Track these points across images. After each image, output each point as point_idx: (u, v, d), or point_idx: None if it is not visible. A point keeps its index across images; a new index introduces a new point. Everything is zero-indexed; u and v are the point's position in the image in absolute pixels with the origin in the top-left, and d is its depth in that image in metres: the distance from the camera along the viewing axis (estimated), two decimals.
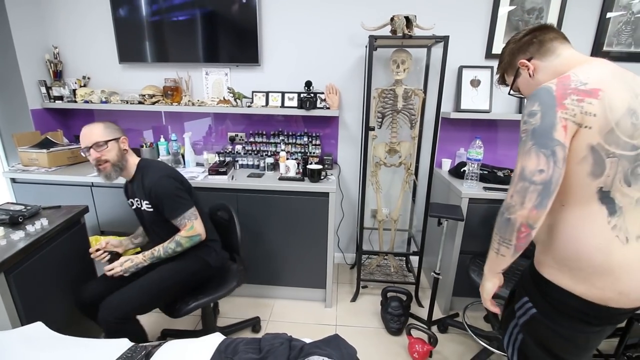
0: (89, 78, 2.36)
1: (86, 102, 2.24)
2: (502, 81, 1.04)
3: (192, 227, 1.40)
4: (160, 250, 1.38)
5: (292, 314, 2.06)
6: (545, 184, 0.74)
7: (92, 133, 1.34)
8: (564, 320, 0.83)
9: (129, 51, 2.24)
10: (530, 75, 0.91)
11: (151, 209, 1.41)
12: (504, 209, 0.82)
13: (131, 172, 1.44)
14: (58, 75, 2.31)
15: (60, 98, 2.28)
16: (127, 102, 2.23)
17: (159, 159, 2.26)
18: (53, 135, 2.20)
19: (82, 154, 1.38)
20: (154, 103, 2.22)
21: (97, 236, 1.97)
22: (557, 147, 0.74)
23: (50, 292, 1.38)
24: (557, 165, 0.74)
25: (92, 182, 1.94)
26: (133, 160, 1.45)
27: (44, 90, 2.24)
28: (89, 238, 1.67)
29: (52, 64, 2.28)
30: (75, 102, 2.26)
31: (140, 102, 2.23)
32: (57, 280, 1.42)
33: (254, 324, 1.90)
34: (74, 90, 2.28)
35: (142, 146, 2.33)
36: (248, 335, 1.76)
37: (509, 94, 1.03)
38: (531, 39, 0.90)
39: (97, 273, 1.69)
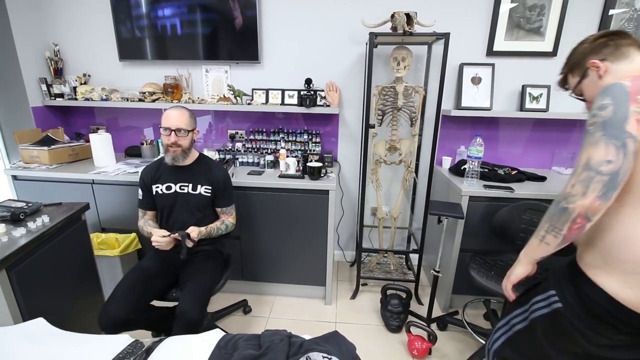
0: (89, 75, 2.36)
1: (87, 99, 2.24)
2: (564, 83, 1.04)
3: (234, 216, 1.70)
4: (214, 228, 1.59)
5: (292, 311, 2.07)
6: (612, 175, 0.73)
7: (179, 118, 1.50)
8: (593, 321, 0.81)
9: (129, 49, 2.24)
10: (599, 77, 0.91)
11: (209, 194, 1.61)
12: (561, 197, 0.80)
13: (190, 160, 1.61)
14: (59, 73, 2.32)
15: (61, 95, 2.28)
16: (128, 100, 2.23)
17: (159, 156, 2.26)
18: (54, 133, 2.20)
19: (160, 130, 1.52)
20: (154, 100, 2.22)
21: (98, 233, 1.97)
22: (629, 140, 0.72)
23: (52, 288, 1.38)
24: (627, 157, 0.72)
25: (92, 180, 1.95)
26: (195, 151, 1.65)
27: (44, 87, 2.24)
28: (89, 235, 1.67)
29: (52, 62, 2.28)
30: (76, 99, 2.27)
31: (140, 100, 2.23)
32: (58, 276, 1.42)
33: (243, 306, 2.02)
34: (75, 88, 2.28)
35: (142, 144, 2.33)
36: (239, 317, 1.94)
37: (570, 95, 1.03)
38: (607, 41, 0.91)
39: (97, 271, 1.70)
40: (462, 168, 1.98)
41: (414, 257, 2.27)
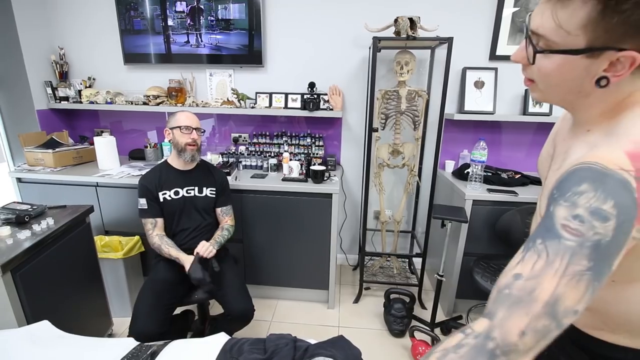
0: (94, 79, 2.38)
1: (91, 102, 2.25)
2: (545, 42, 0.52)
3: (232, 218, 1.75)
4: (220, 238, 1.63)
5: (295, 314, 2.06)
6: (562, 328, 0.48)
7: (196, 119, 1.61)
8: None
9: (134, 52, 2.26)
10: (599, 84, 0.50)
11: (213, 195, 1.68)
12: (498, 350, 0.45)
13: (194, 164, 1.66)
14: (64, 76, 2.33)
15: (66, 99, 2.30)
16: (132, 103, 2.25)
17: (160, 161, 2.27)
18: (58, 136, 2.22)
19: (180, 130, 1.56)
20: (158, 104, 2.23)
21: (101, 236, 1.98)
22: (607, 277, 0.47)
23: (56, 291, 1.38)
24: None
25: (97, 182, 1.95)
26: None
27: (49, 90, 2.26)
28: (93, 237, 1.68)
29: (58, 65, 2.30)
30: (81, 102, 2.28)
31: (144, 103, 2.24)
32: (63, 278, 1.43)
33: None
34: (80, 91, 2.30)
35: (146, 147, 2.34)
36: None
37: (536, 51, 0.53)
38: None
39: (101, 273, 1.70)
40: (465, 172, 1.98)
41: (417, 261, 2.27)
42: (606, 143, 0.51)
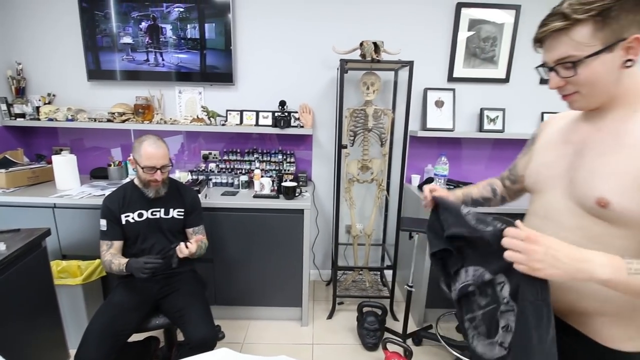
0: (54, 95, 2.28)
1: (50, 119, 2.15)
2: (557, 59, 0.68)
3: (205, 236, 1.67)
4: (202, 246, 1.58)
5: (267, 334, 2.02)
6: None
7: (163, 155, 1.48)
8: None
9: (99, 69, 2.20)
10: (624, 66, 0.64)
11: (181, 217, 1.60)
12: None
13: (162, 193, 1.56)
14: (20, 92, 2.22)
15: (22, 115, 2.18)
16: (95, 120, 2.17)
17: (127, 179, 2.20)
18: (12, 154, 2.08)
19: (141, 170, 1.46)
20: (124, 121, 2.17)
21: (58, 261, 1.85)
22: None
23: (7, 322, 1.28)
24: None
25: (54, 204, 1.85)
26: None
27: (4, 107, 2.13)
28: (49, 263, 1.57)
29: (14, 80, 2.18)
30: (39, 119, 2.17)
31: (109, 120, 2.17)
32: (15, 308, 1.32)
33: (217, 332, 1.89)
34: (38, 108, 2.19)
35: (109, 165, 2.26)
36: None
37: (541, 68, 0.74)
38: None
39: (57, 301, 1.59)
40: None
41: (389, 274, 2.31)
42: None
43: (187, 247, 1.39)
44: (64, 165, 2.00)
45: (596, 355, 0.72)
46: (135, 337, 1.54)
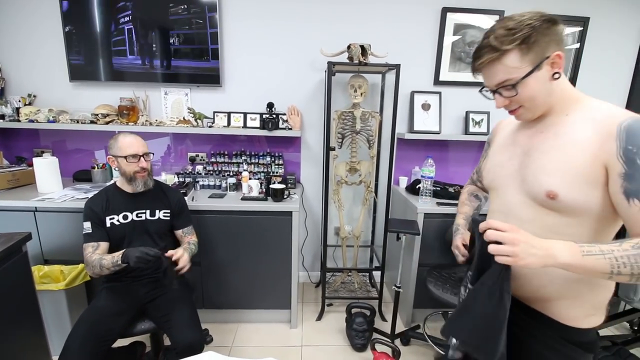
0: (34, 96, 2.22)
1: (31, 121, 2.09)
2: (497, 82, 0.77)
3: (195, 236, 1.69)
4: (192, 246, 1.61)
5: (256, 337, 2.01)
6: None
7: (142, 143, 1.49)
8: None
9: (81, 69, 2.16)
10: (552, 78, 0.75)
11: (167, 218, 1.58)
12: None
13: (149, 187, 1.55)
14: None
15: (2, 117, 2.11)
16: (78, 122, 2.12)
17: (112, 181, 2.15)
18: None
19: (125, 161, 1.45)
20: (107, 123, 2.13)
21: (40, 266, 1.80)
22: None
23: None
24: None
25: (35, 207, 1.80)
26: None
27: None
28: (31, 268, 1.53)
29: None
30: (19, 121, 2.11)
31: (92, 122, 2.13)
32: None
33: (204, 336, 1.85)
34: (18, 109, 2.13)
35: (93, 167, 2.21)
36: None
37: (484, 91, 0.84)
38: (560, 29, 0.74)
39: (39, 308, 1.54)
40: (417, 187, 2.12)
41: (377, 275, 2.33)
42: (600, 110, 0.74)
43: (178, 262, 1.38)
44: (46, 167, 1.95)
45: (560, 333, 0.81)
46: (121, 342, 1.52)
